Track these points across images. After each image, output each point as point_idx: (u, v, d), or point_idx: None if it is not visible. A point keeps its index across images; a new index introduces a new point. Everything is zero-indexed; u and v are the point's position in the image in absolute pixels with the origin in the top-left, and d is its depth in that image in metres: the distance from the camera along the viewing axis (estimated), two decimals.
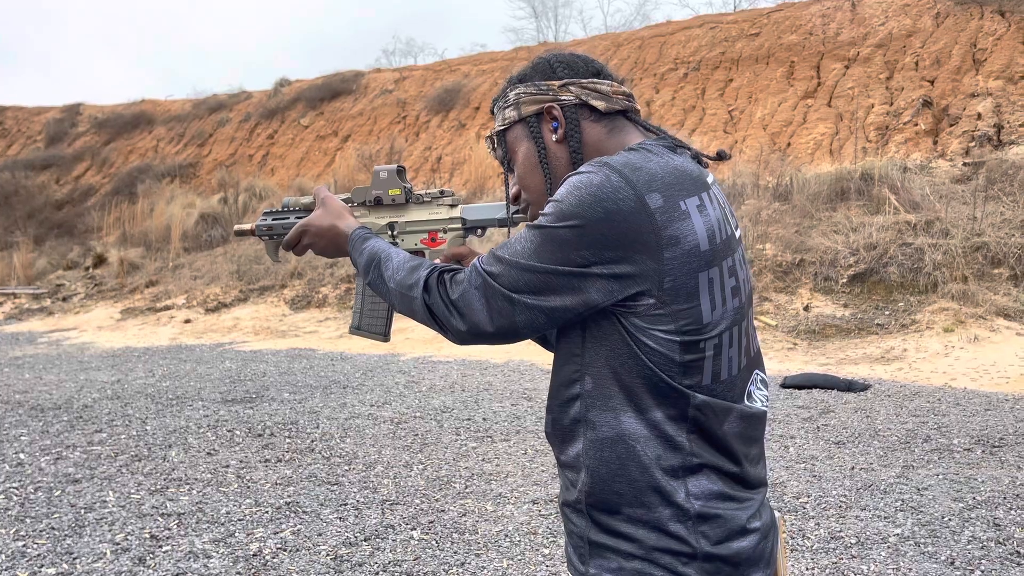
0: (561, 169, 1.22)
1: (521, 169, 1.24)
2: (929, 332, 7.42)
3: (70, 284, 13.95)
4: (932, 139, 11.90)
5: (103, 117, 22.39)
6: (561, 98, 1.20)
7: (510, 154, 1.26)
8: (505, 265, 1.10)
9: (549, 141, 1.22)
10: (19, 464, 4.55)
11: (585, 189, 1.06)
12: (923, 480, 3.99)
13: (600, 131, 1.21)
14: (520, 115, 1.23)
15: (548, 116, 1.21)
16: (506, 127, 1.25)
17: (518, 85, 1.23)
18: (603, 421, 1.11)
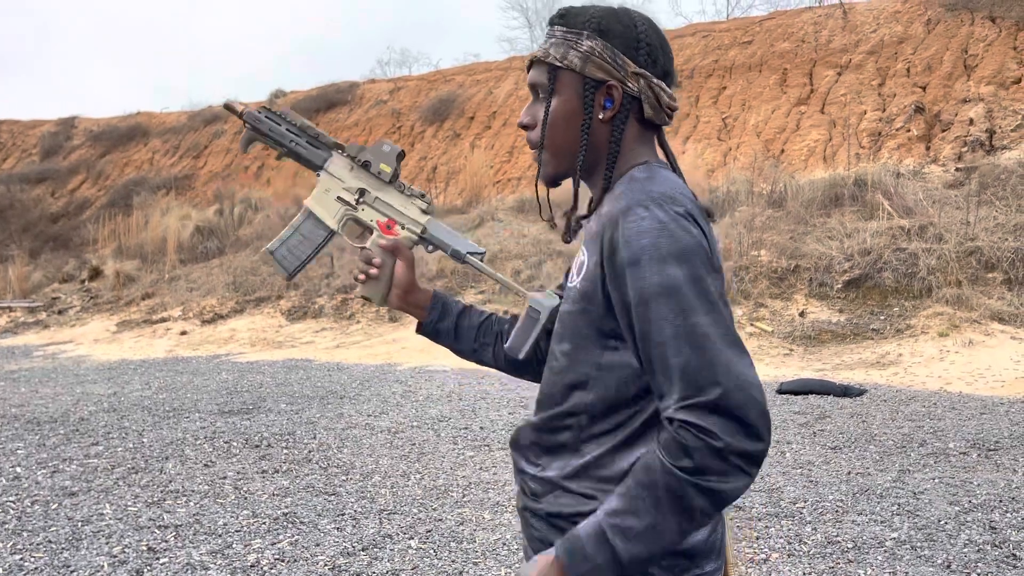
0: (596, 147, 1.18)
1: (558, 116, 1.18)
2: (924, 337, 7.45)
3: (66, 297, 13.94)
4: (925, 145, 11.96)
5: (98, 130, 22.40)
6: (628, 84, 1.16)
7: (552, 91, 1.18)
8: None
9: (596, 113, 1.17)
10: (16, 478, 4.55)
11: (686, 224, 1.06)
12: (919, 484, 4.00)
13: (635, 133, 1.19)
14: (583, 71, 1.16)
15: (606, 91, 1.16)
16: (562, 67, 1.17)
17: (597, 37, 1.16)
18: (593, 453, 1.13)
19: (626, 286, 1.05)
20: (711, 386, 0.97)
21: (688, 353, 0.99)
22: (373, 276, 1.33)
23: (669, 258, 1.02)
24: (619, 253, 1.06)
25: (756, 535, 3.42)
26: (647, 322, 1.03)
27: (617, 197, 1.13)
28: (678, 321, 1.01)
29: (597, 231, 1.13)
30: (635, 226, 1.05)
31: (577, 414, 1.16)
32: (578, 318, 1.15)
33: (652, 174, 1.15)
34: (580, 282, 1.14)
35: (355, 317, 10.62)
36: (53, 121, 23.77)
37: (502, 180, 15.14)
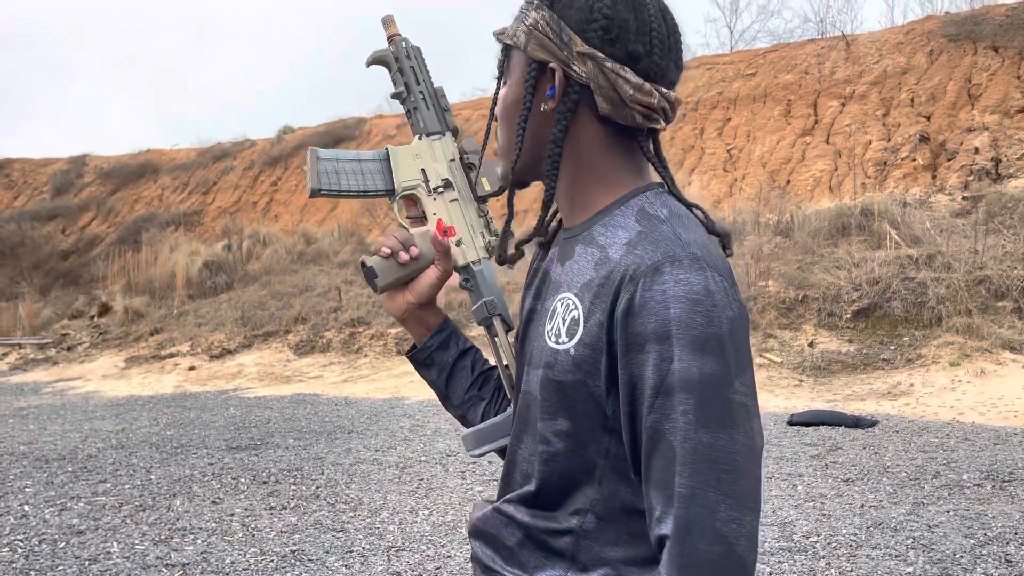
0: (538, 143, 0.96)
1: (505, 103, 0.99)
2: (935, 366, 7.39)
3: (75, 333, 13.99)
4: (931, 174, 11.98)
5: (109, 167, 22.65)
6: (572, 67, 0.91)
7: (504, 71, 1.00)
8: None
9: (538, 103, 0.94)
10: (23, 516, 4.53)
11: (723, 298, 0.84)
12: (934, 517, 3.95)
13: (598, 138, 0.94)
14: (525, 48, 0.94)
15: (550, 75, 0.93)
16: (511, 45, 0.97)
17: (544, 9, 0.93)
18: (595, 567, 0.92)
19: (644, 365, 0.82)
20: (704, 535, 0.79)
21: (691, 478, 0.80)
22: (399, 260, 1.08)
23: (707, 343, 0.81)
24: (641, 321, 0.83)
25: (769, 571, 3.37)
26: (663, 418, 0.81)
27: (634, 242, 0.88)
28: (695, 432, 0.80)
29: (593, 280, 0.90)
30: (665, 290, 0.82)
31: (581, 513, 0.92)
32: (573, 391, 0.90)
33: (672, 210, 0.92)
34: (574, 347, 0.89)
35: (363, 351, 10.61)
36: (64, 159, 24.05)
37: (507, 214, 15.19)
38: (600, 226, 0.93)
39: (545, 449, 0.93)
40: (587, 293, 0.89)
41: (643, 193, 0.94)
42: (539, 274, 1.04)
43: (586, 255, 0.92)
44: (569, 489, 0.93)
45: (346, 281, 12.83)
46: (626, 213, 0.92)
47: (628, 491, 0.90)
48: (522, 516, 0.96)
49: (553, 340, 0.92)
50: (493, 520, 1.00)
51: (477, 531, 1.02)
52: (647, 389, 0.83)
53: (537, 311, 1.00)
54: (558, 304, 0.93)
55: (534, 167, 0.99)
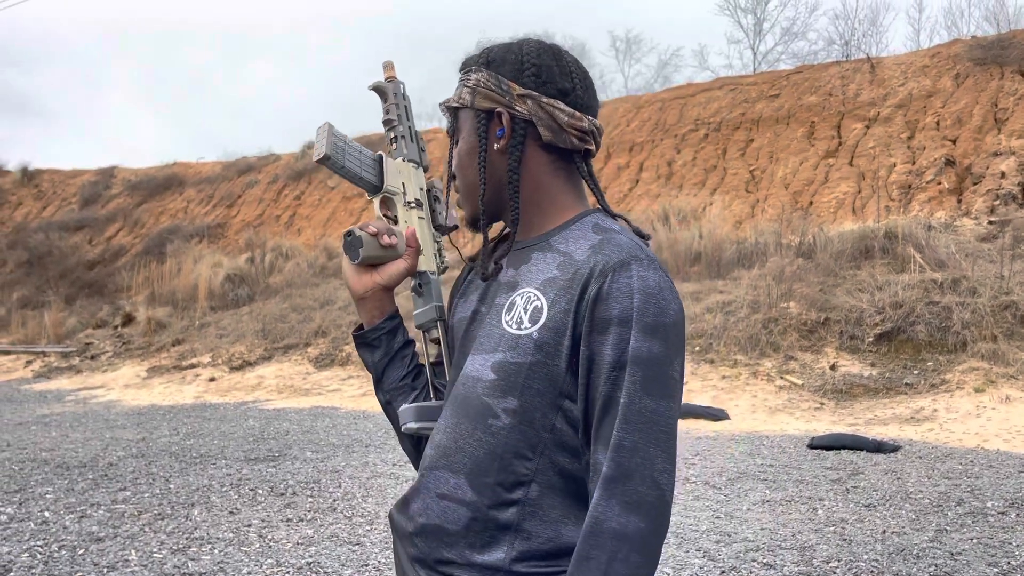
0: (498, 181, 1.13)
1: (461, 155, 1.17)
2: (960, 392, 7.30)
3: (99, 343, 14.14)
4: (956, 198, 11.87)
5: (136, 180, 22.97)
6: (515, 108, 1.10)
7: (456, 131, 1.18)
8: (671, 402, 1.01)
9: (491, 146, 1.12)
10: (44, 522, 4.57)
11: (670, 294, 1.02)
12: (957, 544, 3.89)
13: (544, 164, 1.12)
14: (473, 104, 1.13)
15: (497, 119, 1.11)
16: (458, 107, 1.16)
17: (483, 71, 1.12)
18: (540, 532, 1.04)
19: (605, 344, 0.99)
20: (643, 480, 0.97)
21: (633, 433, 0.97)
22: (381, 241, 1.19)
23: (656, 328, 0.99)
24: (607, 306, 1.00)
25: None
26: (616, 387, 0.99)
27: (597, 247, 1.05)
28: (640, 398, 0.98)
29: (557, 277, 1.05)
30: (631, 283, 1.00)
31: (524, 485, 1.04)
32: (531, 372, 1.03)
33: (619, 226, 1.11)
34: (538, 331, 1.03)
35: None
36: (93, 171, 24.43)
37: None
38: (558, 238, 1.11)
39: (493, 423, 1.05)
40: (550, 287, 1.06)
41: (593, 213, 1.14)
42: (479, 285, 1.19)
43: (546, 259, 1.09)
44: (511, 462, 1.04)
45: None
46: (582, 228, 1.11)
47: (566, 459, 1.04)
48: (468, 496, 1.05)
49: (515, 327, 1.06)
50: (435, 509, 1.07)
51: (420, 529, 1.08)
52: (605, 364, 1.00)
53: (482, 312, 1.14)
54: (517, 298, 1.08)
55: (496, 200, 1.15)
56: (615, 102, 18.94)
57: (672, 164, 15.38)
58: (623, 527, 0.96)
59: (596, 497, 0.98)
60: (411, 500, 1.12)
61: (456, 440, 1.08)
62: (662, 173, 15.35)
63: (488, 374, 1.06)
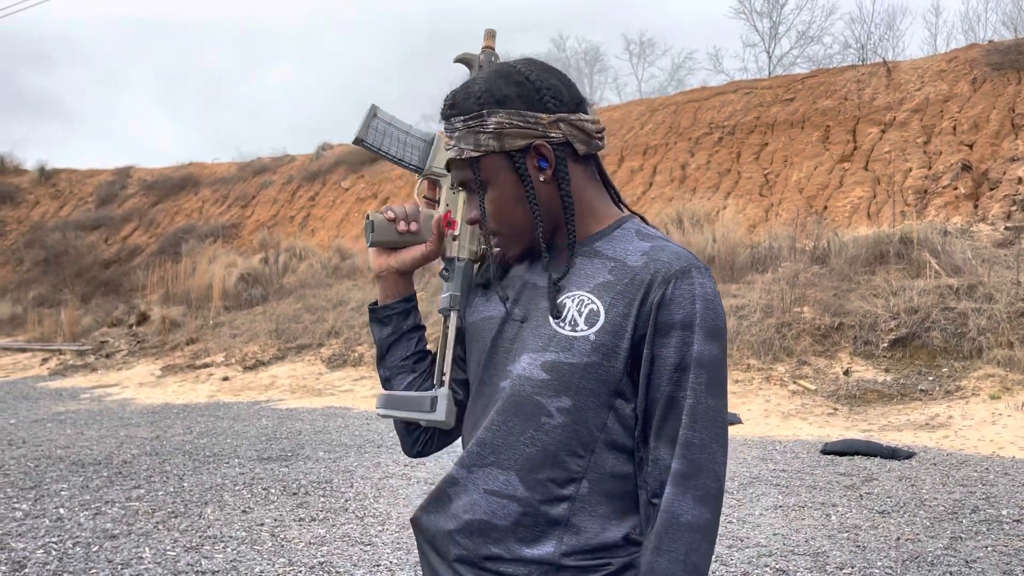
0: (550, 209, 1.12)
1: (500, 202, 1.12)
2: (975, 399, 7.24)
3: (114, 341, 14.24)
4: (972, 203, 11.79)
5: (152, 180, 23.13)
6: (550, 135, 1.10)
7: (484, 181, 1.12)
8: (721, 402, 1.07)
9: (536, 179, 1.11)
10: (59, 519, 4.61)
11: (721, 300, 1.09)
12: (972, 552, 3.86)
13: (581, 175, 1.15)
14: (503, 147, 1.10)
15: (535, 153, 1.11)
16: (481, 155, 1.11)
17: (498, 110, 1.09)
18: (589, 526, 1.08)
19: (668, 346, 1.05)
20: (709, 475, 1.05)
21: (701, 432, 1.04)
22: (398, 227, 1.21)
23: (715, 332, 1.06)
24: (670, 311, 1.05)
25: None
26: (679, 387, 1.05)
27: (652, 253, 1.09)
28: (705, 398, 1.05)
29: (612, 282, 1.08)
30: (692, 290, 1.06)
31: (576, 481, 1.08)
32: (587, 372, 1.07)
33: (659, 233, 1.15)
34: (595, 333, 1.07)
35: None
36: (109, 171, 24.61)
37: None
38: (602, 243, 1.13)
39: (546, 421, 1.08)
40: (606, 291, 1.09)
41: (630, 219, 1.17)
42: (511, 285, 1.19)
43: (594, 264, 1.12)
44: (563, 459, 1.08)
45: None
46: (625, 234, 1.14)
47: (614, 458, 1.09)
48: (520, 492, 1.08)
49: (569, 329, 1.09)
50: (483, 505, 1.09)
51: (465, 526, 1.10)
52: (668, 366, 1.05)
53: (516, 314, 1.16)
54: (568, 301, 1.10)
55: (551, 230, 1.15)
56: (629, 105, 18.91)
57: (686, 167, 15.35)
58: (696, 519, 1.03)
59: (669, 492, 1.04)
60: (451, 499, 1.13)
61: (505, 437, 1.10)
62: (676, 176, 15.32)
63: (539, 374, 1.09)
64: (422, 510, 1.17)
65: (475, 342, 1.20)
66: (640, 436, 1.09)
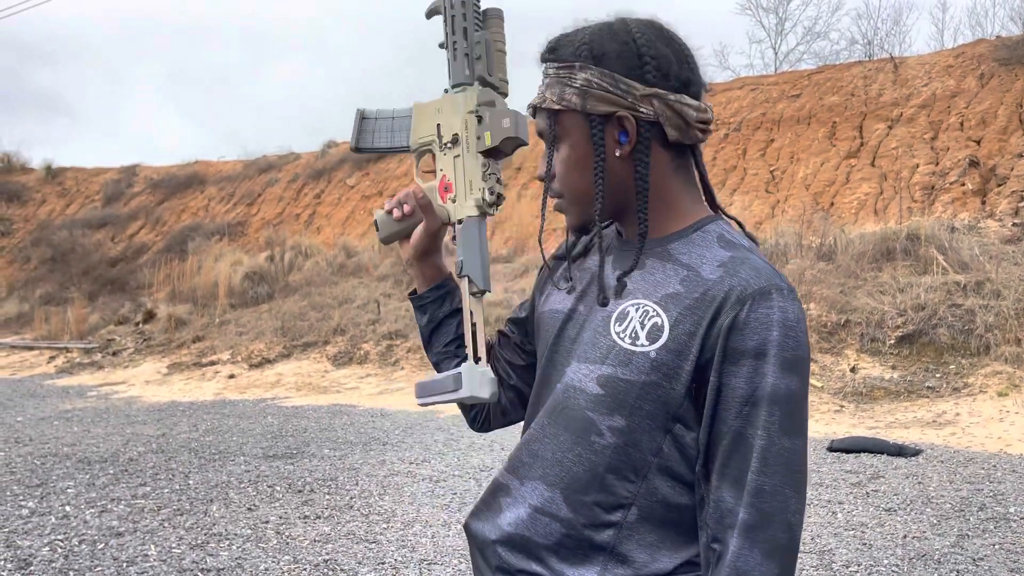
0: (619, 187, 1.02)
1: (568, 164, 1.04)
2: (983, 396, 7.21)
3: (120, 339, 14.28)
4: (980, 199, 11.73)
5: (158, 178, 23.18)
6: (640, 110, 0.99)
7: (558, 136, 1.04)
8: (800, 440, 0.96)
9: (611, 152, 1.01)
10: (65, 516, 4.62)
11: (805, 326, 0.97)
12: (979, 550, 3.84)
13: (666, 163, 1.02)
14: (584, 108, 1.00)
15: (617, 124, 1.00)
16: (561, 109, 1.02)
17: (591, 67, 0.99)
18: (636, 556, 1.00)
19: (737, 376, 0.94)
20: (780, 526, 0.94)
21: (773, 477, 0.93)
22: (394, 216, 1.18)
23: (794, 364, 0.94)
24: (743, 337, 0.94)
25: None
26: (749, 424, 0.94)
27: (730, 265, 0.97)
28: (779, 439, 0.93)
29: (681, 293, 0.98)
30: (771, 314, 0.94)
31: (625, 507, 0.99)
32: (644, 392, 0.97)
33: (748, 242, 1.03)
34: (656, 351, 0.97)
35: (399, 364, 10.67)
36: (116, 169, 24.67)
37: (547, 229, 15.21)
38: (678, 246, 1.02)
39: (596, 440, 0.99)
40: (673, 304, 0.98)
41: (715, 222, 1.04)
42: (580, 277, 1.11)
43: (665, 270, 1.01)
44: (612, 483, 0.99)
45: (385, 294, 12.93)
46: (706, 238, 1.02)
47: (668, 487, 0.99)
48: (564, 512, 1.00)
49: (628, 342, 0.99)
50: (526, 521, 1.03)
51: (507, 538, 1.04)
52: (736, 398, 0.94)
53: (580, 312, 1.07)
54: (631, 309, 1.00)
55: (613, 209, 1.05)
56: None
57: None
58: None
59: (736, 546, 0.94)
60: (501, 509, 1.07)
61: (553, 452, 1.03)
62: None
63: (593, 387, 1.00)
64: (473, 516, 1.12)
65: (541, 336, 1.13)
66: (701, 472, 0.98)
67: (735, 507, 0.94)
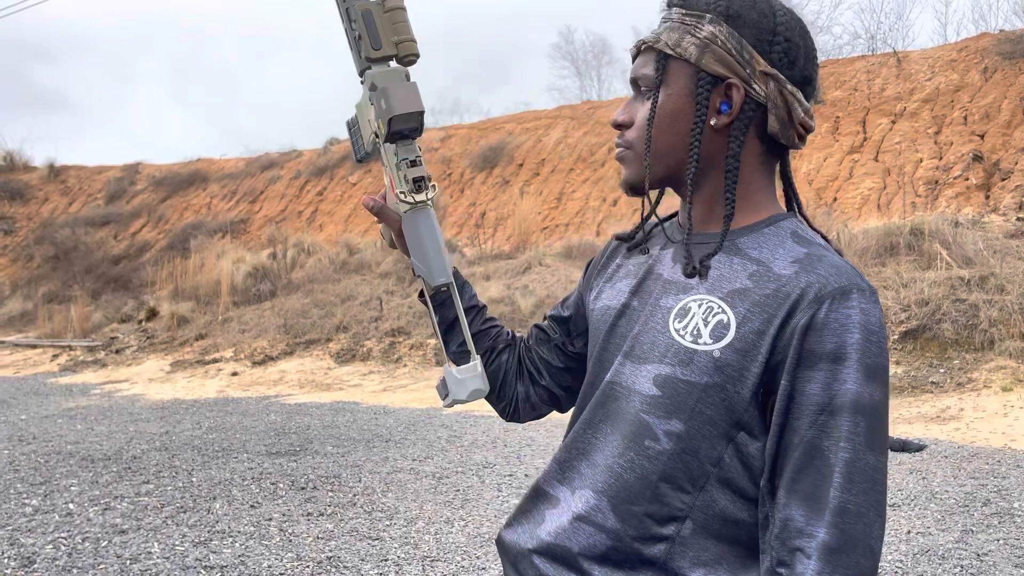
0: (708, 159, 0.96)
1: (663, 116, 0.96)
2: (987, 391, 7.19)
3: (123, 337, 14.30)
4: (984, 194, 11.70)
5: (160, 175, 23.19)
6: (753, 85, 0.93)
7: (660, 83, 0.96)
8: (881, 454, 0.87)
9: (710, 115, 0.94)
10: (68, 514, 4.62)
11: (883, 335, 0.88)
12: (983, 545, 3.83)
13: (757, 154, 0.97)
14: (699, 62, 0.93)
15: (725, 90, 0.94)
16: (674, 56, 0.95)
17: (723, 22, 0.92)
18: (689, 573, 0.92)
19: (813, 381, 0.85)
20: (864, 551, 0.84)
21: (858, 496, 0.84)
22: (381, 229, 1.15)
23: (876, 372, 0.86)
24: (820, 339, 0.86)
25: None
26: (824, 435, 0.85)
27: (806, 262, 0.90)
28: (864, 454, 0.84)
29: (750, 289, 0.91)
30: (851, 315, 0.86)
31: (679, 520, 0.91)
32: (705, 395, 0.90)
33: (823, 240, 0.96)
34: (721, 350, 0.89)
35: (402, 361, 10.67)
36: (118, 167, 24.68)
37: (550, 226, 15.20)
38: (747, 240, 0.95)
39: (651, 445, 0.92)
40: (740, 301, 0.91)
41: (789, 218, 0.98)
42: (631, 271, 1.05)
43: (732, 264, 0.94)
44: (665, 493, 0.91)
45: (387, 291, 12.93)
46: (778, 233, 0.95)
47: (728, 500, 0.91)
48: (611, 523, 0.92)
49: (690, 340, 0.92)
50: (567, 530, 0.95)
51: (544, 547, 0.96)
52: (811, 405, 0.86)
53: (635, 307, 1.00)
54: (693, 304, 0.93)
55: (685, 177, 0.98)
56: None
57: None
58: None
59: (815, 570, 0.83)
60: (544, 519, 0.99)
61: (604, 456, 0.95)
62: None
63: (649, 388, 0.92)
64: (507, 526, 1.03)
65: (592, 334, 1.06)
66: (767, 487, 0.89)
67: (807, 527, 0.84)
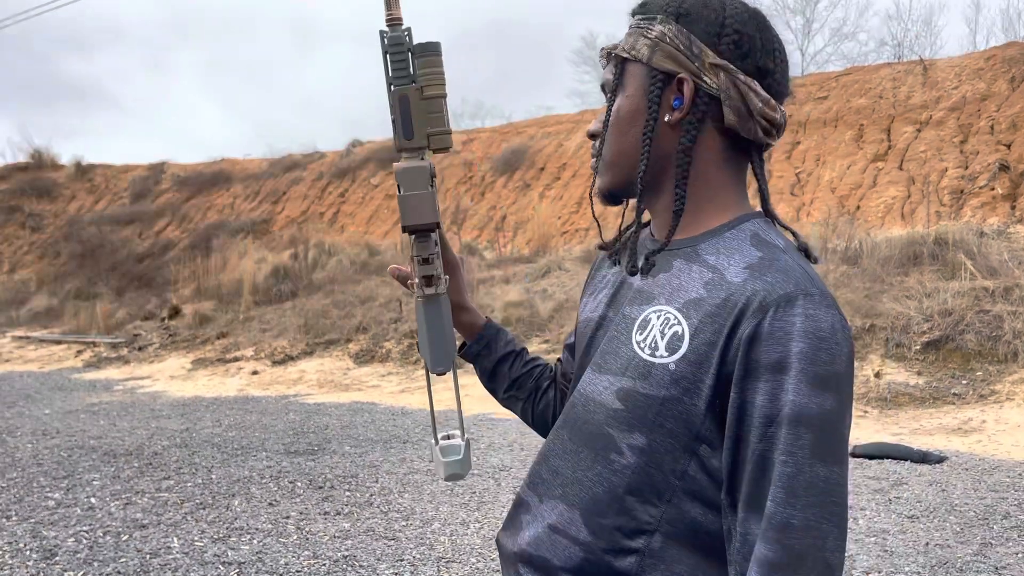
0: (662, 157, 0.94)
1: (619, 114, 0.97)
2: (1010, 403, 7.10)
3: (146, 334, 14.46)
4: (1010, 204, 11.56)
5: (184, 175, 23.43)
6: (703, 78, 0.91)
7: (619, 85, 0.98)
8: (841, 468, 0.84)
9: (662, 113, 0.94)
10: (90, 508, 4.69)
11: (843, 336, 0.85)
12: (1002, 559, 3.79)
13: (716, 150, 0.95)
14: (650, 61, 0.94)
15: (677, 86, 0.93)
16: (629, 59, 0.96)
17: (671, 23, 0.93)
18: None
19: (758, 392, 0.83)
20: (815, 565, 0.81)
21: (803, 510, 0.81)
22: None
23: (825, 380, 0.82)
24: (764, 350, 0.83)
25: None
26: (773, 447, 0.82)
27: (757, 268, 0.88)
28: (809, 466, 0.82)
29: (704, 299, 0.89)
30: (793, 323, 0.83)
31: (648, 533, 0.90)
32: (664, 408, 0.88)
33: (786, 241, 0.94)
34: (676, 362, 0.88)
35: (420, 362, 10.70)
36: (144, 166, 24.97)
37: (570, 231, 15.20)
38: (707, 245, 0.93)
39: (616, 459, 0.91)
40: (694, 311, 0.89)
41: (752, 219, 0.95)
42: (610, 281, 1.05)
43: (691, 272, 0.92)
44: (632, 506, 0.91)
45: (407, 293, 12.98)
46: (739, 237, 0.93)
47: (698, 512, 0.90)
48: (583, 535, 0.92)
49: (648, 352, 0.90)
50: (545, 541, 0.95)
51: (525, 556, 0.97)
52: (758, 417, 0.84)
53: (610, 319, 1.00)
54: (653, 315, 0.92)
55: (652, 182, 0.97)
56: None
57: None
58: None
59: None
60: (522, 526, 1.00)
61: (574, 469, 0.95)
62: None
63: (612, 401, 0.92)
64: (502, 529, 1.06)
65: (577, 347, 1.07)
66: (727, 500, 0.88)
67: (765, 542, 0.83)
